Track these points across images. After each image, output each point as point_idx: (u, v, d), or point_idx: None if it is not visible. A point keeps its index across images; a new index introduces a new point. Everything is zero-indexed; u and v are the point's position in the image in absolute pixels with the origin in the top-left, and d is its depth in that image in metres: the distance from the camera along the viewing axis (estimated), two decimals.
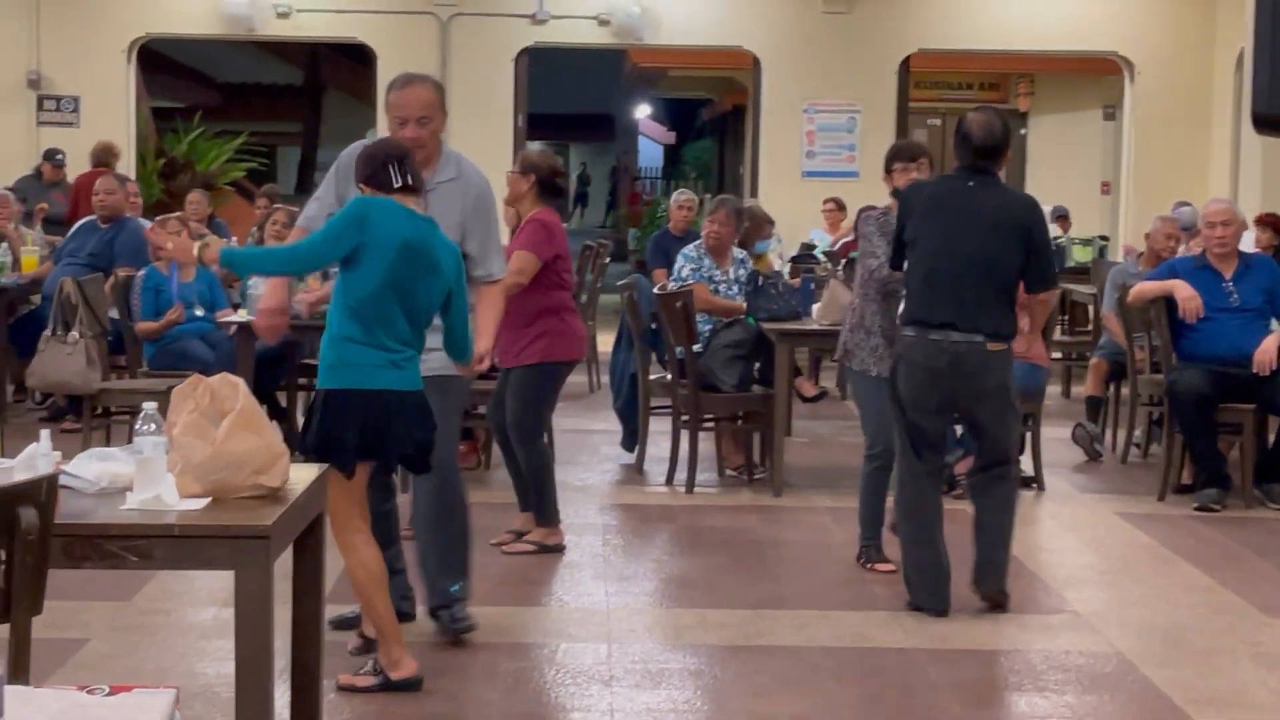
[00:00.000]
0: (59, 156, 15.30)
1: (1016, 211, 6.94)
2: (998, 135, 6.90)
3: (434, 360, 5.88)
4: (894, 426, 7.11)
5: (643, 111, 35.21)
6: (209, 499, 4.15)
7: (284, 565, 4.38)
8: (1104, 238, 17.90)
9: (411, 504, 6.43)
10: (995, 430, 6.98)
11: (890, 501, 7.59)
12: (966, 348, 6.76)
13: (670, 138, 37.28)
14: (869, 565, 7.69)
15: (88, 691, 2.75)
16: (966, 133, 6.91)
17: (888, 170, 7.80)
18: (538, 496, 7.94)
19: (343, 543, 5.54)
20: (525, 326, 7.71)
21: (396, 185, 5.55)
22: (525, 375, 7.78)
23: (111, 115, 17.11)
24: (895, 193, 7.64)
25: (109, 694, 2.74)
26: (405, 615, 6.19)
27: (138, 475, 4.12)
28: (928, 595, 6.95)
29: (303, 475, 4.49)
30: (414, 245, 5.50)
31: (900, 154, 7.82)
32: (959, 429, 8.35)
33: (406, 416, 5.52)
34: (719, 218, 9.85)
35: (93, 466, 4.24)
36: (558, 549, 7.92)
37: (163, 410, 4.28)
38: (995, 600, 6.98)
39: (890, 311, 7.59)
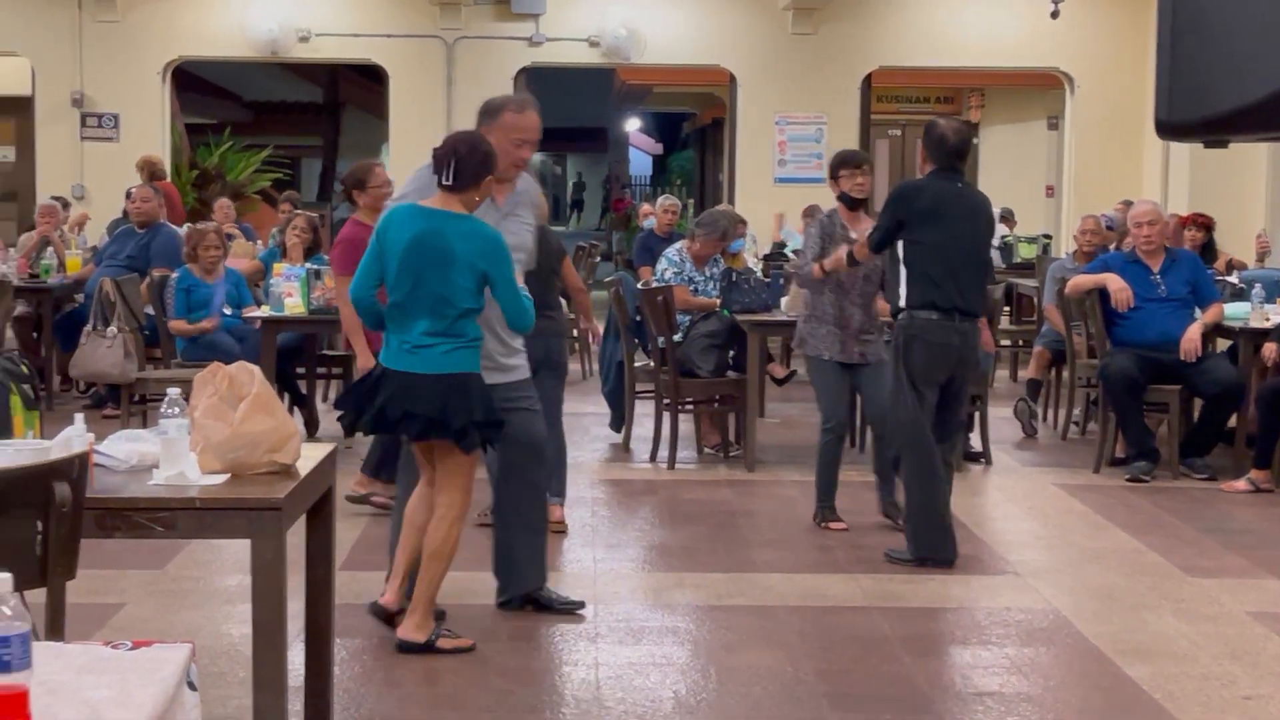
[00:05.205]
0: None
1: (987, 208, 7.39)
2: (968, 140, 7.32)
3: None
4: (882, 401, 7.39)
5: (633, 125, 35.22)
6: (228, 475, 4.17)
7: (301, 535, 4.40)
8: (1047, 236, 17.90)
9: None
10: (964, 399, 7.43)
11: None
12: (970, 327, 7.12)
13: (657, 148, 37.27)
14: (824, 524, 7.77)
15: (112, 646, 2.77)
16: (945, 137, 7.14)
17: (834, 176, 7.88)
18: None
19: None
20: None
21: (442, 183, 5.52)
22: None
23: (148, 131, 17.11)
24: (842, 197, 7.76)
25: (131, 648, 2.75)
26: None
27: (163, 454, 4.12)
28: (937, 548, 7.09)
29: (314, 453, 4.50)
30: (422, 241, 5.46)
31: (848, 161, 7.88)
32: None
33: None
34: (709, 243, 9.86)
35: (123, 446, 4.25)
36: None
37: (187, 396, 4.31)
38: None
39: (840, 303, 7.68)
